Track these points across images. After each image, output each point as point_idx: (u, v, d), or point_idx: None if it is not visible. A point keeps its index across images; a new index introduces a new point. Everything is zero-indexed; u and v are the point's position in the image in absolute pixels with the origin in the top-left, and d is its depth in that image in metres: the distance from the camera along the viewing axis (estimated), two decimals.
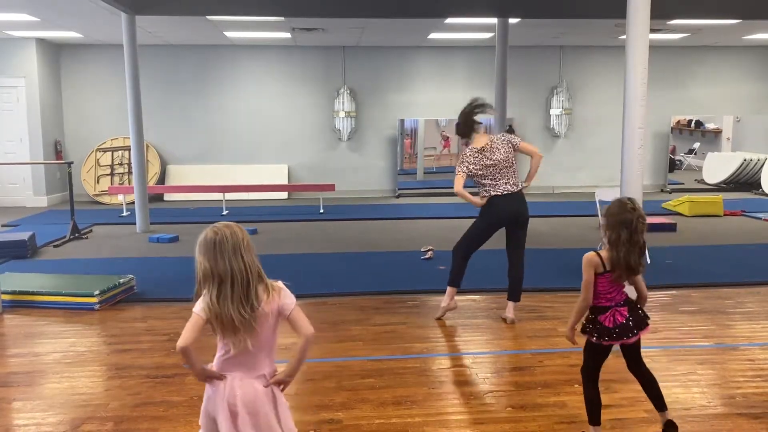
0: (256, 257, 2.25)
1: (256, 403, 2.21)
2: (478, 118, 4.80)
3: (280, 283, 2.30)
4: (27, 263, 6.88)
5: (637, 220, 2.75)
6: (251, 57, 12.14)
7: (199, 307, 2.20)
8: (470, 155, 4.73)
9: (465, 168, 4.71)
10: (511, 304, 4.92)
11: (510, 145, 4.78)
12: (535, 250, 7.35)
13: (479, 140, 4.76)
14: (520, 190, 4.81)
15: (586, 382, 2.96)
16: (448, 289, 4.93)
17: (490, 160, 4.70)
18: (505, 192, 4.73)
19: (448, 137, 13.10)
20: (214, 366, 2.27)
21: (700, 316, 5.03)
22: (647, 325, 2.88)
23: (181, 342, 2.16)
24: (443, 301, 4.95)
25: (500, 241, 5.02)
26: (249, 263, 2.20)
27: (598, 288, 2.85)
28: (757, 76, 12.96)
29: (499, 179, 4.73)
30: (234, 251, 2.17)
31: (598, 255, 2.82)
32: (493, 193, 4.74)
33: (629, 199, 2.83)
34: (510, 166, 4.76)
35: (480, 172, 4.71)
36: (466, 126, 4.80)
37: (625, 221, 2.75)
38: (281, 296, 2.26)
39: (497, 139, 4.78)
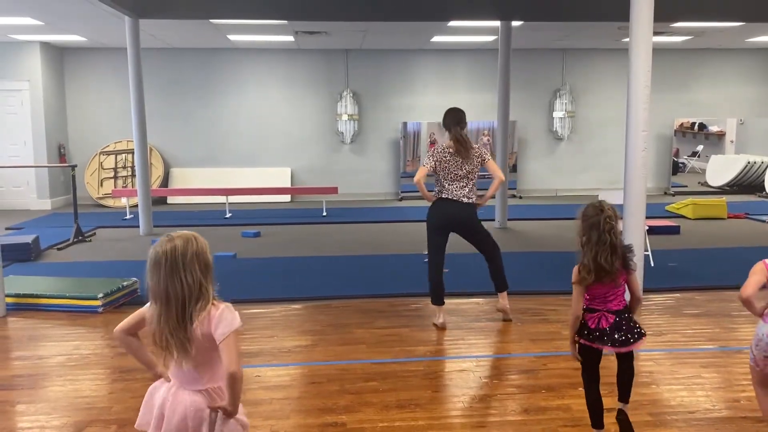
0: (202, 272, 2.08)
1: (185, 417, 2.12)
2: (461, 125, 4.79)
3: (223, 307, 2.11)
4: (31, 266, 6.90)
5: (605, 220, 2.76)
6: (254, 60, 12.16)
7: (147, 306, 2.17)
8: (440, 152, 4.76)
9: (431, 163, 4.75)
10: (502, 294, 4.93)
11: (479, 158, 4.79)
12: (538, 253, 7.36)
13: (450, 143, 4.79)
14: (471, 204, 4.77)
15: (585, 385, 2.96)
16: (436, 308, 4.89)
17: (454, 165, 4.73)
18: (450, 197, 4.74)
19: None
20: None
21: (705, 318, 5.02)
22: (629, 344, 2.81)
23: (117, 327, 2.21)
24: (439, 318, 4.87)
25: (503, 245, 5.01)
26: (188, 283, 2.04)
27: (588, 294, 2.88)
28: (760, 78, 12.95)
29: (454, 184, 4.75)
30: (171, 270, 2.04)
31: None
32: (440, 196, 4.78)
33: (600, 201, 2.84)
34: (470, 178, 4.77)
35: (441, 172, 4.76)
36: (451, 119, 4.79)
37: (593, 224, 2.78)
38: (216, 322, 2.07)
39: (474, 148, 4.79)
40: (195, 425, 2.12)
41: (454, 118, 4.78)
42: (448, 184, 4.75)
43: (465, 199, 4.75)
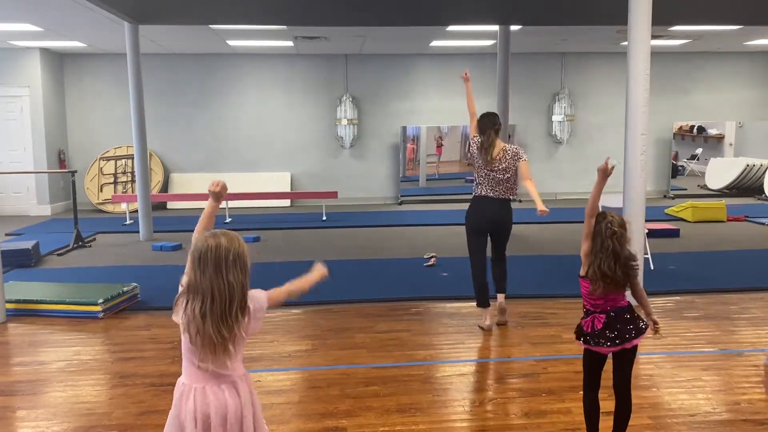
0: (243, 273, 2.11)
1: (227, 412, 2.15)
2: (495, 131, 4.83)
3: (254, 302, 2.19)
4: (31, 272, 6.89)
5: (606, 226, 2.75)
6: (254, 65, 12.18)
7: (177, 318, 2.15)
8: (474, 143, 4.87)
9: (473, 150, 4.87)
10: (500, 295, 4.95)
11: (515, 160, 4.82)
12: (538, 257, 7.36)
13: (494, 144, 4.81)
14: (507, 199, 4.83)
15: (584, 390, 2.94)
16: (482, 311, 4.92)
17: (485, 164, 4.78)
18: (487, 195, 4.79)
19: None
20: (183, 379, 2.21)
21: (705, 321, 5.02)
22: (627, 341, 2.79)
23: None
24: (485, 320, 4.87)
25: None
26: (231, 282, 2.07)
27: (582, 291, 2.88)
28: (758, 81, 12.96)
29: (485, 181, 4.80)
30: (216, 268, 2.06)
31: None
32: (477, 193, 4.84)
33: (604, 211, 2.84)
34: (501, 179, 4.79)
35: (474, 164, 4.85)
36: (485, 123, 4.82)
37: (598, 231, 2.78)
38: (256, 319, 2.20)
39: (508, 149, 4.82)
40: (235, 420, 2.16)
41: (488, 123, 4.81)
42: (480, 180, 4.82)
43: (500, 196, 4.80)
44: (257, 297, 2.22)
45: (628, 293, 2.89)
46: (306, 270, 2.52)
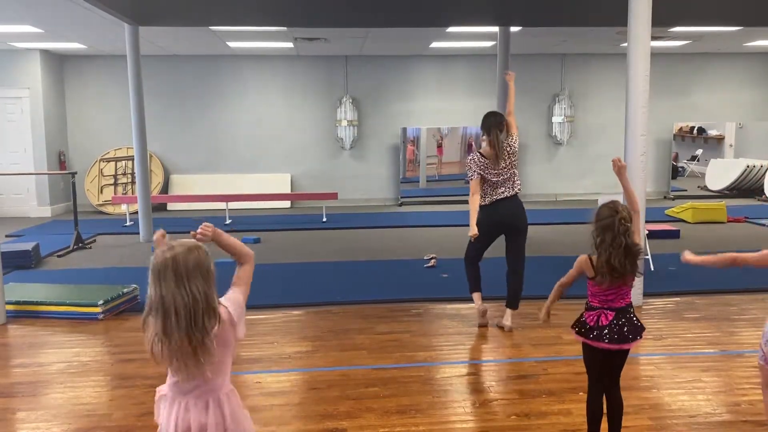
0: (206, 281, 2.05)
1: (206, 430, 2.10)
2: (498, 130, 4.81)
3: (226, 305, 2.13)
4: (31, 273, 6.90)
5: (619, 222, 2.77)
6: (254, 67, 12.19)
7: (149, 347, 2.07)
8: (479, 161, 4.81)
9: (476, 173, 4.80)
10: (509, 311, 4.94)
11: (512, 151, 4.84)
12: (538, 258, 7.34)
13: (486, 148, 4.84)
14: (515, 195, 4.86)
15: (589, 386, 2.95)
16: (472, 296, 5.01)
17: (494, 169, 4.77)
18: (499, 198, 4.80)
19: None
20: (166, 390, 2.16)
21: (705, 322, 5.02)
22: (630, 341, 2.80)
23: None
24: (475, 308, 4.99)
25: (502, 249, 5.03)
26: (195, 294, 2.00)
27: (591, 289, 2.89)
28: (758, 82, 12.96)
29: (498, 187, 4.82)
30: (177, 280, 2.00)
31: (590, 259, 2.86)
32: (488, 201, 4.83)
33: (613, 202, 2.85)
34: (510, 175, 4.83)
35: (487, 171, 4.80)
36: (491, 122, 4.82)
37: (607, 225, 2.78)
38: (235, 327, 2.13)
39: (504, 145, 4.83)
40: None
41: (494, 122, 4.80)
42: (492, 189, 4.82)
43: (511, 193, 4.82)
44: (232, 297, 2.16)
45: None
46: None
